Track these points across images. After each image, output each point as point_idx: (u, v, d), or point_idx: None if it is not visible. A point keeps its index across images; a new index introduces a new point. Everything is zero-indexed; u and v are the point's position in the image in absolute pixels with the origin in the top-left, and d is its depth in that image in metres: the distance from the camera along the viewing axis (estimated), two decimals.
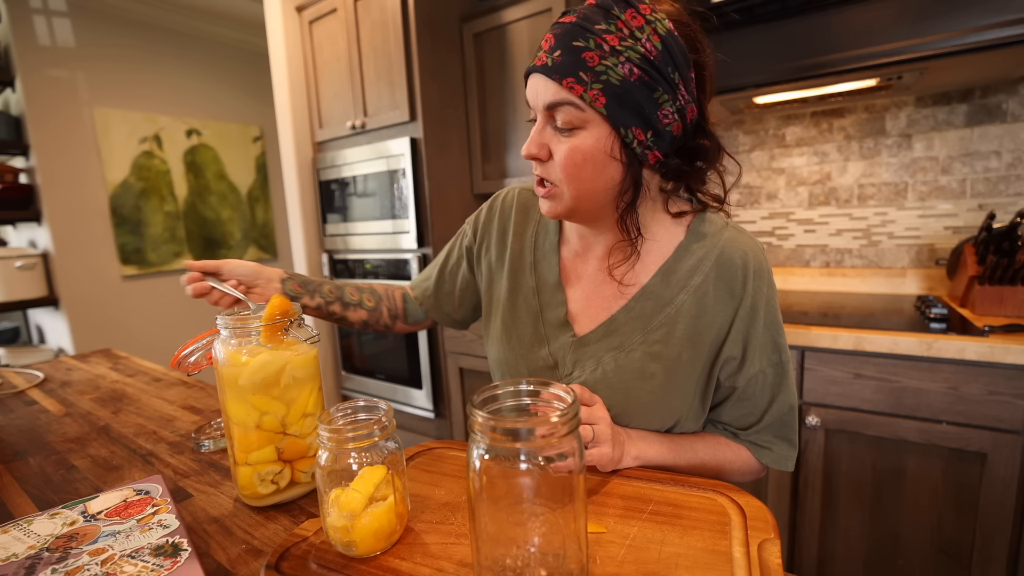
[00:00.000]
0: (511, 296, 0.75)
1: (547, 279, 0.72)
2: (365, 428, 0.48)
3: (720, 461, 0.66)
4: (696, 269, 0.63)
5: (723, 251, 0.62)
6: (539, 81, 0.56)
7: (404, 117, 1.90)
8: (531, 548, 0.41)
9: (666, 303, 0.64)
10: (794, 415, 0.66)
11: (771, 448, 0.66)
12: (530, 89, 0.58)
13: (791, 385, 0.66)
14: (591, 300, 0.69)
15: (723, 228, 0.64)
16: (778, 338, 0.64)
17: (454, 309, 0.87)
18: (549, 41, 0.55)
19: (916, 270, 1.60)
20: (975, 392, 1.09)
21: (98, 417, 0.96)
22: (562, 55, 0.54)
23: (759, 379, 0.64)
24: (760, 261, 0.63)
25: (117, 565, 0.47)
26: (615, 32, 0.53)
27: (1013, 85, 1.42)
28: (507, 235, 0.77)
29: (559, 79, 0.54)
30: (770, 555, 0.44)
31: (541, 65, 0.55)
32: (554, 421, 0.38)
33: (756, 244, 0.64)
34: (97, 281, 2.71)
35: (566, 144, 0.57)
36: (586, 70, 0.53)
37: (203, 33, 3.07)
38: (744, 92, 1.42)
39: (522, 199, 0.78)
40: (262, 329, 0.58)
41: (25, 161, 2.59)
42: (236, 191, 3.31)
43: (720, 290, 0.62)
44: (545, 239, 0.74)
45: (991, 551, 1.11)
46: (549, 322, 0.71)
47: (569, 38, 0.54)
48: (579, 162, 0.57)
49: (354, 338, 2.31)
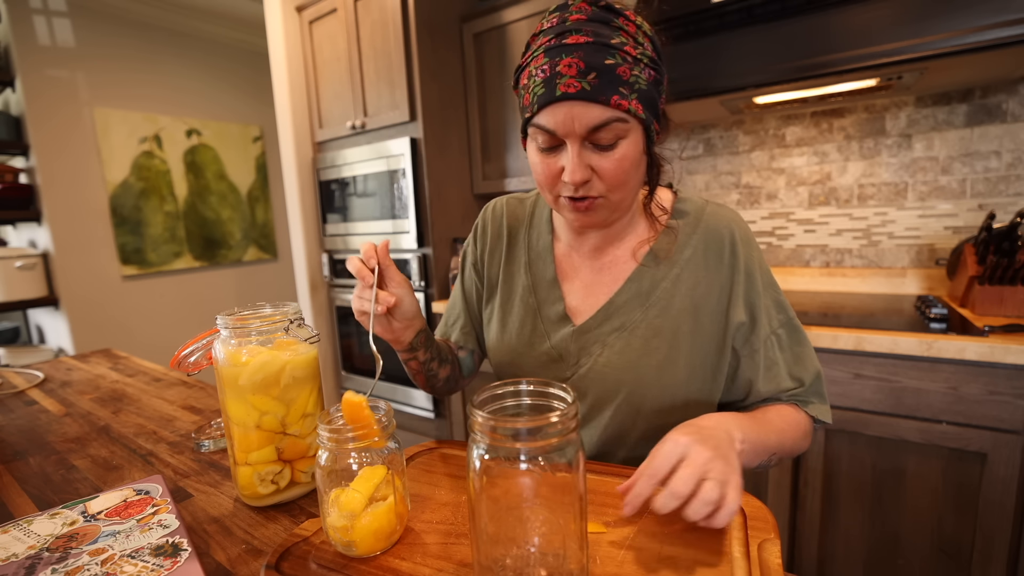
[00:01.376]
0: (509, 297, 0.76)
1: (543, 276, 0.74)
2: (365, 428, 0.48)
3: (787, 420, 0.64)
4: (685, 244, 0.67)
5: (708, 225, 0.67)
6: (577, 108, 0.55)
7: (404, 117, 1.90)
8: (531, 548, 0.41)
9: (660, 279, 0.67)
10: (822, 380, 0.69)
11: (813, 403, 0.68)
12: (559, 117, 0.56)
13: (810, 347, 0.69)
14: (588, 291, 0.71)
15: (704, 205, 0.69)
16: (778, 297, 0.68)
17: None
18: (577, 65, 0.53)
19: (916, 270, 1.60)
20: (975, 392, 1.09)
21: (98, 417, 0.96)
22: (598, 77, 0.53)
23: (773, 341, 0.66)
24: (744, 229, 0.67)
25: (117, 565, 0.47)
26: (629, 42, 0.55)
27: (1013, 85, 1.42)
28: (501, 240, 0.78)
29: (606, 100, 0.54)
30: (770, 555, 0.44)
31: (578, 92, 0.54)
32: (554, 421, 0.38)
33: (737, 215, 0.68)
34: (97, 281, 2.72)
35: (613, 157, 0.57)
36: (624, 84, 0.55)
37: (203, 33, 3.07)
38: (744, 92, 1.42)
39: (510, 206, 0.80)
40: (356, 437, 0.48)
41: (25, 161, 2.59)
42: (236, 191, 3.31)
43: (711, 260, 0.66)
44: (539, 239, 0.76)
45: (991, 551, 1.11)
46: (548, 318, 0.72)
47: (599, 59, 0.54)
48: (628, 169, 0.59)
49: (354, 338, 2.31)
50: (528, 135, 0.62)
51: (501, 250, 0.78)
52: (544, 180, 0.61)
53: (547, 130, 0.57)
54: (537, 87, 0.56)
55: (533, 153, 0.62)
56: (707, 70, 1.42)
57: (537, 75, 0.56)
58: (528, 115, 0.59)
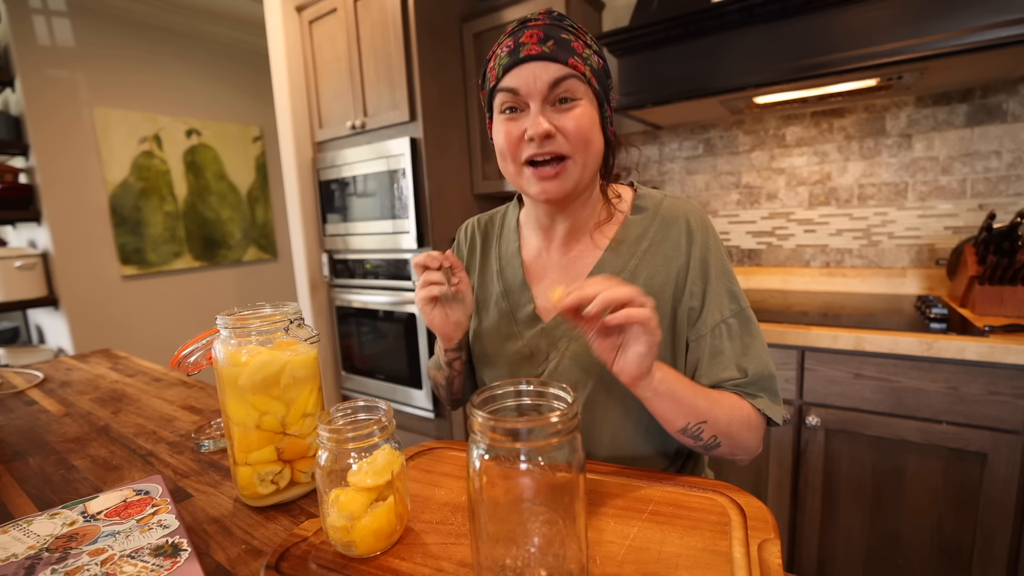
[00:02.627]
0: (484, 306, 0.79)
1: (513, 282, 0.77)
2: (365, 428, 0.48)
3: (727, 401, 0.63)
4: (642, 236, 0.70)
5: (664, 216, 0.70)
6: (538, 66, 0.61)
7: (404, 117, 1.90)
8: (531, 548, 0.41)
9: (619, 270, 0.69)
10: (774, 380, 0.67)
11: (761, 397, 0.65)
12: (524, 75, 0.62)
13: (761, 342, 0.67)
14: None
15: (662, 199, 0.72)
16: (732, 287, 0.68)
17: None
18: (536, 35, 0.62)
19: (916, 270, 1.60)
20: (975, 392, 1.09)
21: (98, 417, 0.96)
22: (555, 44, 0.61)
23: (723, 330, 0.66)
24: (701, 217, 0.69)
25: (117, 565, 0.47)
26: (580, 40, 0.64)
27: (1013, 85, 1.42)
28: (475, 256, 0.83)
29: (564, 59, 0.61)
30: (770, 555, 0.44)
31: (538, 53, 0.61)
32: (554, 421, 0.38)
33: (694, 205, 0.71)
34: (97, 281, 2.71)
35: (573, 114, 0.62)
36: (577, 55, 0.62)
37: (203, 33, 3.07)
38: (744, 92, 1.42)
39: (480, 222, 0.85)
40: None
41: (25, 161, 2.58)
42: (236, 191, 3.31)
43: (667, 249, 0.68)
44: (507, 246, 0.79)
45: (991, 551, 1.11)
46: (520, 320, 0.75)
47: (556, 31, 0.62)
48: (588, 126, 0.63)
49: (354, 338, 2.31)
50: (494, 107, 0.66)
51: (475, 265, 0.82)
52: (508, 146, 0.65)
53: (511, 89, 0.63)
54: (502, 59, 0.63)
55: (498, 125, 0.66)
56: (707, 70, 1.42)
57: (501, 52, 0.64)
58: (493, 83, 0.65)
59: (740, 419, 0.63)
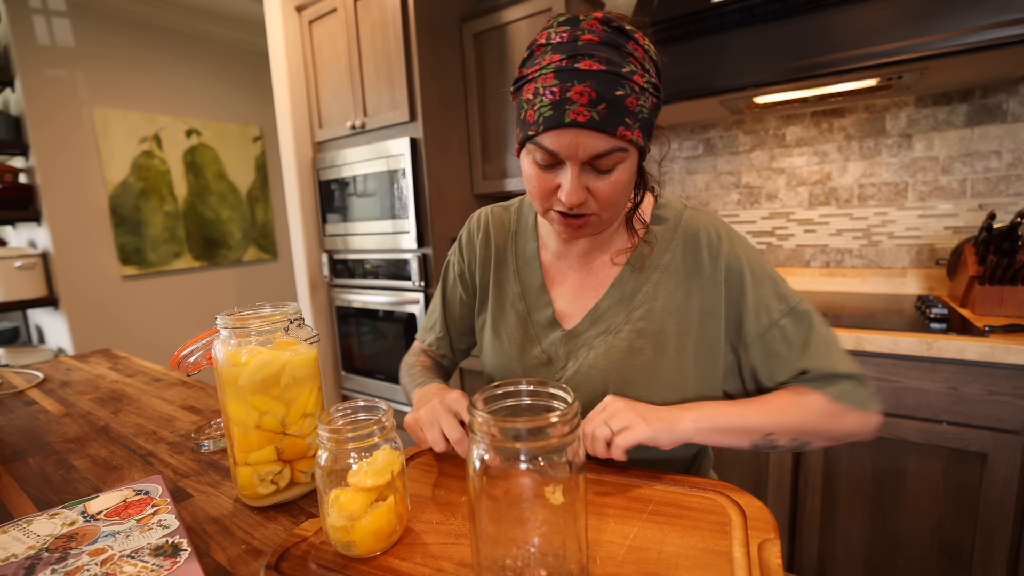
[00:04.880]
0: (500, 305, 0.77)
1: (531, 283, 0.75)
2: (365, 428, 0.48)
3: (785, 401, 0.61)
4: (664, 250, 0.68)
5: (685, 229, 0.68)
6: (583, 136, 0.56)
7: (404, 117, 1.90)
8: (531, 548, 0.41)
9: (642, 283, 0.68)
10: (850, 366, 0.63)
11: (835, 385, 0.62)
12: (566, 141, 0.56)
13: (823, 336, 0.64)
14: (576, 296, 0.72)
15: (682, 210, 0.70)
16: (778, 288, 0.65)
17: (460, 337, 0.88)
18: (588, 95, 0.54)
19: (916, 270, 1.60)
20: (975, 392, 1.09)
21: (98, 417, 0.96)
22: (607, 108, 0.54)
23: (775, 334, 0.64)
24: (723, 228, 0.67)
25: (117, 565, 0.47)
26: (638, 70, 0.56)
27: (1013, 85, 1.42)
28: (488, 250, 0.80)
29: (612, 131, 0.55)
30: (770, 555, 0.44)
31: (587, 121, 0.54)
32: (554, 421, 0.37)
33: (713, 217, 0.69)
34: (97, 281, 2.71)
35: (609, 180, 0.59)
36: (630, 115, 0.56)
37: (203, 33, 3.07)
38: (744, 92, 1.42)
39: (495, 215, 0.81)
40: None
41: (25, 161, 2.58)
42: (236, 191, 3.31)
43: (689, 263, 0.67)
44: (526, 246, 0.77)
45: (991, 551, 1.11)
46: (538, 323, 0.74)
47: (610, 89, 0.54)
48: (621, 192, 0.61)
49: (354, 338, 2.31)
50: (526, 148, 0.61)
51: (489, 259, 0.79)
52: (538, 194, 0.62)
53: (550, 151, 0.58)
54: (544, 108, 0.56)
55: (529, 166, 0.62)
56: (707, 70, 1.42)
57: (545, 95, 0.56)
58: (532, 132, 0.58)
59: (814, 413, 0.61)
